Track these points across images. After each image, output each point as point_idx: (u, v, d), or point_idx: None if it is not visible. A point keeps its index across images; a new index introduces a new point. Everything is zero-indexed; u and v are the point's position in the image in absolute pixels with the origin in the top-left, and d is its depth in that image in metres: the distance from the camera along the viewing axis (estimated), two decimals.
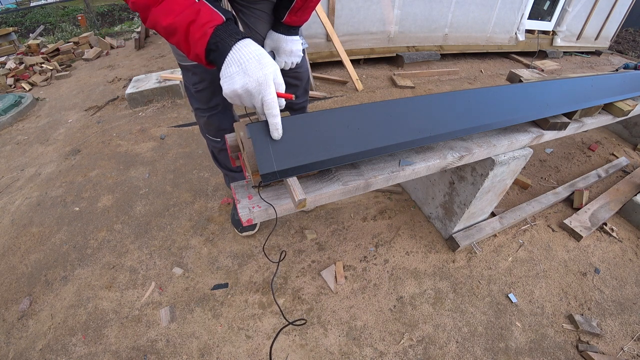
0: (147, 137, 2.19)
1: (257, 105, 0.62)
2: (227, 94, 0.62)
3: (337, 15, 2.84)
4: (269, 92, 0.59)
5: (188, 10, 0.58)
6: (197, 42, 0.59)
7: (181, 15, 0.58)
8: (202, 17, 0.58)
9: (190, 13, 0.58)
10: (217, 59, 0.61)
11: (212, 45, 0.59)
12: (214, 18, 0.59)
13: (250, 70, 0.58)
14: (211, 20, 0.58)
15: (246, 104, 0.63)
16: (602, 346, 1.13)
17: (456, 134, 0.89)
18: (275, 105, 0.61)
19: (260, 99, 0.60)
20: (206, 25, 0.58)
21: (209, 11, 0.59)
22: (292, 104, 1.25)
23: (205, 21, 0.58)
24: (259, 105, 0.62)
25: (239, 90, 0.60)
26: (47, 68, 3.53)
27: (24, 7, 8.23)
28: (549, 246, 1.47)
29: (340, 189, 0.78)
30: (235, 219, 1.45)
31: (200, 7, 0.59)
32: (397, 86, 2.98)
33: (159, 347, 1.08)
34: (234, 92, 0.60)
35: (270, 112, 0.61)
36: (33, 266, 1.34)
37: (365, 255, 1.37)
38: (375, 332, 1.13)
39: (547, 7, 4.18)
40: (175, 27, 0.59)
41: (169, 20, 0.58)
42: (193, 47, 0.60)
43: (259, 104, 0.62)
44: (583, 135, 2.34)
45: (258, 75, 0.58)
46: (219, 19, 0.59)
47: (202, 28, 0.58)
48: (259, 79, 0.58)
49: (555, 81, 1.15)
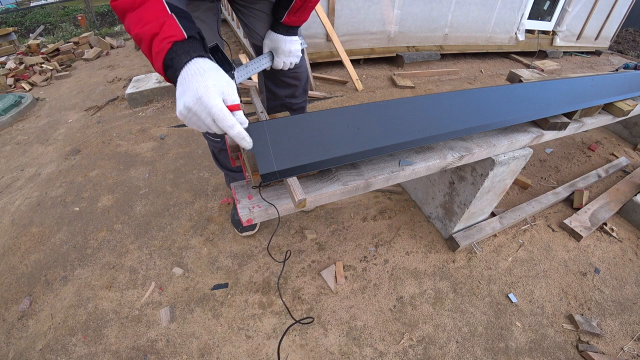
0: (147, 137, 2.19)
1: (209, 123, 0.56)
2: (180, 117, 0.57)
3: (337, 15, 2.84)
4: (213, 104, 0.54)
5: (155, 22, 0.57)
6: (157, 56, 0.57)
7: (147, 25, 0.57)
8: (165, 31, 0.57)
9: (156, 25, 0.57)
10: (172, 77, 0.58)
11: (168, 61, 0.57)
12: (176, 34, 0.57)
13: (192, 85, 0.54)
14: (172, 35, 0.57)
15: (201, 128, 0.58)
16: (602, 346, 1.13)
17: (456, 134, 0.89)
18: (225, 116, 0.55)
19: (207, 115, 0.55)
20: (166, 40, 0.56)
21: (172, 26, 0.57)
22: (292, 104, 1.25)
23: (166, 35, 0.56)
24: (211, 123, 0.56)
25: (185, 111, 0.55)
26: (47, 68, 3.53)
27: (24, 7, 8.23)
28: (549, 246, 1.47)
29: (340, 189, 0.78)
30: (235, 219, 1.45)
31: (166, 20, 0.58)
32: (397, 86, 2.98)
33: (159, 347, 1.08)
34: (182, 114, 0.56)
35: (224, 125, 0.56)
36: (33, 266, 1.34)
37: (365, 255, 1.37)
38: (375, 332, 1.13)
39: (547, 7, 4.18)
40: (141, 37, 0.58)
41: (137, 30, 0.58)
42: (154, 61, 0.59)
43: (211, 122, 0.56)
44: (583, 135, 2.34)
45: (197, 89, 0.53)
46: (179, 35, 0.57)
47: (162, 43, 0.56)
48: (198, 92, 0.53)
49: (555, 81, 1.15)
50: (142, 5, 0.58)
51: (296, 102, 1.26)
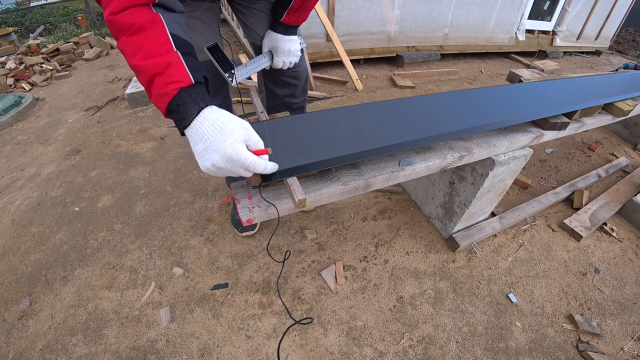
0: (147, 137, 2.19)
1: (242, 172, 0.60)
2: (207, 172, 0.59)
3: (337, 15, 2.84)
4: (244, 158, 0.56)
5: (159, 59, 0.54)
6: (158, 98, 0.56)
7: (149, 60, 0.54)
8: (170, 74, 0.54)
9: (160, 64, 0.54)
10: (177, 122, 0.58)
11: (173, 107, 0.56)
12: (183, 79, 0.55)
13: (216, 146, 0.54)
14: (179, 81, 0.55)
15: (228, 175, 0.61)
16: (602, 346, 1.13)
17: (456, 134, 0.89)
18: (257, 164, 0.58)
19: (240, 167, 0.58)
20: (171, 85, 0.54)
21: (178, 68, 0.55)
22: (291, 103, 1.25)
23: (171, 80, 0.54)
24: (244, 173, 0.60)
25: (213, 169, 0.57)
26: (47, 68, 3.53)
27: (24, 7, 8.24)
28: (549, 246, 1.47)
29: (340, 189, 0.78)
30: (235, 219, 1.45)
31: (172, 60, 0.55)
32: (397, 86, 2.98)
33: (159, 347, 1.08)
34: (210, 170, 0.58)
35: (258, 170, 0.60)
36: (33, 266, 1.34)
37: (365, 255, 1.37)
38: (375, 332, 1.13)
39: (547, 7, 4.18)
40: (140, 70, 0.55)
41: (136, 61, 0.55)
42: (155, 99, 0.57)
43: (244, 171, 0.59)
44: (583, 135, 2.34)
45: (225, 149, 0.54)
46: (186, 81, 0.55)
47: (167, 87, 0.54)
48: (227, 153, 0.55)
49: (555, 81, 1.15)
50: (141, 32, 0.54)
51: (296, 101, 1.26)
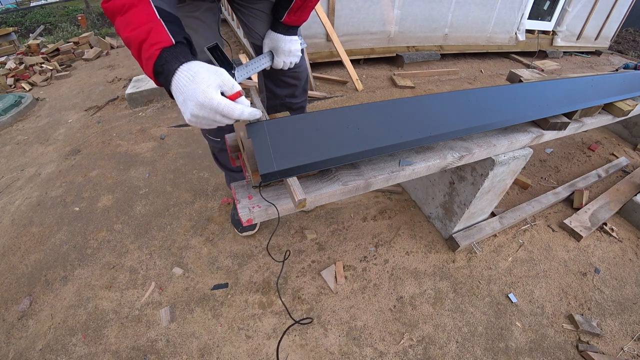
0: (147, 137, 2.19)
1: (220, 119, 0.59)
2: (191, 123, 0.60)
3: (337, 15, 2.84)
4: (216, 103, 0.56)
5: (143, 27, 0.58)
6: (146, 62, 0.58)
7: (136, 31, 0.58)
8: (152, 37, 0.58)
9: (144, 31, 0.58)
10: (164, 83, 0.60)
11: (158, 67, 0.58)
12: (163, 39, 0.58)
13: (190, 94, 0.56)
14: (160, 41, 0.57)
15: (214, 125, 0.61)
16: (602, 346, 1.13)
17: (456, 134, 0.89)
18: (231, 109, 0.58)
19: (215, 114, 0.57)
20: (154, 46, 0.57)
21: (160, 32, 0.58)
22: (292, 103, 1.25)
23: (154, 42, 0.57)
24: (221, 119, 0.59)
25: (194, 119, 0.58)
26: (47, 68, 3.53)
27: (24, 7, 8.23)
28: (549, 246, 1.47)
29: (340, 189, 0.78)
30: (235, 219, 1.45)
31: (153, 26, 0.58)
32: (397, 86, 2.98)
33: (159, 347, 1.08)
34: (192, 121, 0.59)
35: (234, 116, 0.59)
36: (33, 266, 1.34)
37: (365, 255, 1.37)
38: (375, 332, 1.13)
39: (547, 7, 4.18)
40: (130, 42, 0.59)
41: (126, 34, 0.58)
42: (144, 67, 0.60)
43: (221, 118, 0.59)
44: (583, 135, 2.34)
45: (197, 96, 0.55)
46: (167, 41, 0.58)
47: (151, 49, 0.57)
48: (199, 99, 0.55)
49: (555, 81, 1.15)
50: (131, 9, 0.59)
51: (296, 101, 1.26)
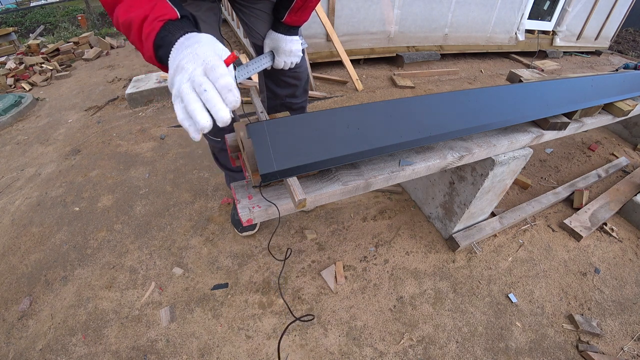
0: (147, 137, 2.19)
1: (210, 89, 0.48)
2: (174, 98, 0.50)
3: (337, 15, 2.84)
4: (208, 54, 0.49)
5: (146, 5, 0.54)
6: (147, 38, 0.54)
7: (138, 10, 0.54)
8: (156, 11, 0.54)
9: (147, 7, 0.54)
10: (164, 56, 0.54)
11: (159, 40, 0.53)
12: (168, 12, 0.54)
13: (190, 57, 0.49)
14: (164, 14, 0.54)
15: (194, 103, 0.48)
16: (602, 346, 1.13)
17: (456, 134, 0.89)
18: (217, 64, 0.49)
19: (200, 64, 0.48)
20: (157, 19, 0.53)
21: (164, 5, 0.55)
22: (292, 103, 1.25)
23: (157, 15, 0.53)
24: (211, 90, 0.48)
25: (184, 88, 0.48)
26: (47, 68, 3.53)
27: (24, 7, 8.23)
28: (549, 246, 1.47)
29: (340, 189, 0.78)
30: (235, 219, 1.45)
31: (157, 2, 0.55)
32: (397, 86, 2.98)
33: (159, 347, 1.08)
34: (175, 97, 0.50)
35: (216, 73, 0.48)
36: (33, 266, 1.34)
37: (365, 255, 1.37)
38: (375, 332, 1.13)
39: (547, 7, 4.18)
40: (130, 21, 0.55)
41: (127, 15, 0.55)
42: (144, 43, 0.55)
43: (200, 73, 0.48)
44: (583, 135, 2.34)
45: (205, 54, 0.49)
46: (172, 14, 0.54)
47: (153, 22, 0.53)
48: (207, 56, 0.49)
49: (555, 81, 1.15)
50: None
51: (296, 101, 1.26)
